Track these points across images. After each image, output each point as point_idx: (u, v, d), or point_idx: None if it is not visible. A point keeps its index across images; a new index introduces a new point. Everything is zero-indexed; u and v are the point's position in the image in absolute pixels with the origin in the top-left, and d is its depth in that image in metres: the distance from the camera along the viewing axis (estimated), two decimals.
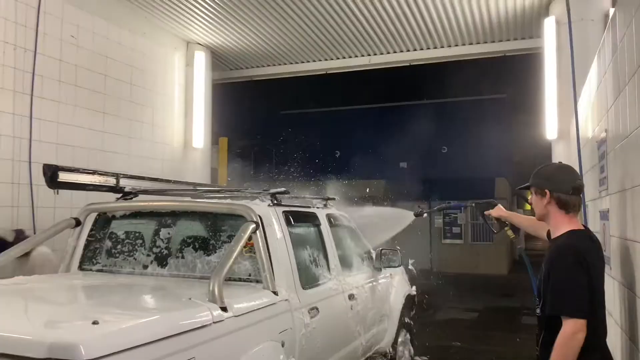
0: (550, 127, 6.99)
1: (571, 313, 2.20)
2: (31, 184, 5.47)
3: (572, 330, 2.17)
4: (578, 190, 2.45)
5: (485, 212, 3.42)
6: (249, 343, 2.76)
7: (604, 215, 3.16)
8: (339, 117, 20.11)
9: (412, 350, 5.74)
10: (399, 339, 5.28)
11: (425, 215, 4.61)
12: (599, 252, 2.46)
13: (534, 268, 2.86)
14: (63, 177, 3.45)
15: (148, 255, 3.64)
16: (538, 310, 2.50)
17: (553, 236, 2.48)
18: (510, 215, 3.33)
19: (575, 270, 2.24)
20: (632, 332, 2.41)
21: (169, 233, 3.68)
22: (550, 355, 2.27)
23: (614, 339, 2.89)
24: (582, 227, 2.50)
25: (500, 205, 3.36)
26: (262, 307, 2.97)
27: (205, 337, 2.42)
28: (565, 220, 2.43)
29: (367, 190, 18.83)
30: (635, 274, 2.31)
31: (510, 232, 3.35)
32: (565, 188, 2.42)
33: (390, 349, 5.07)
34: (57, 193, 3.61)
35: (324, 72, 10.25)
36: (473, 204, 3.75)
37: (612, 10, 2.91)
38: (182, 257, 3.55)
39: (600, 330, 2.31)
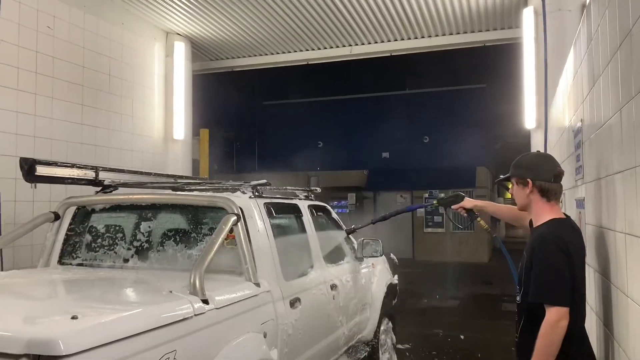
0: (528, 116, 7.08)
1: (555, 301, 2.21)
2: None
3: (556, 318, 2.19)
4: (558, 177, 2.47)
5: (453, 207, 3.39)
6: (231, 335, 2.76)
7: (580, 204, 3.22)
8: (321, 108, 20.09)
9: (394, 339, 5.81)
10: (382, 328, 5.34)
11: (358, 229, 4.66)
12: (581, 241, 2.47)
13: (513, 256, 2.89)
14: (41, 170, 3.41)
15: (129, 248, 3.62)
16: (518, 298, 2.51)
17: (535, 225, 2.49)
18: (485, 204, 3.33)
19: (558, 258, 2.26)
20: (606, 318, 2.47)
21: (149, 226, 3.66)
22: (528, 342, 2.31)
23: (589, 325, 2.90)
24: (564, 216, 2.52)
25: (467, 197, 3.36)
26: (244, 299, 2.98)
27: (187, 330, 2.43)
28: (547, 208, 2.45)
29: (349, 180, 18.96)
30: (609, 261, 2.36)
31: (482, 223, 3.30)
32: (547, 176, 2.44)
33: (373, 338, 5.13)
34: (35, 187, 3.57)
35: (305, 63, 10.22)
36: (435, 202, 3.66)
37: (588, 1, 2.95)
38: (163, 250, 3.54)
39: (579, 318, 2.34)
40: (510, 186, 2.66)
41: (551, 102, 5.82)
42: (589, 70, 2.81)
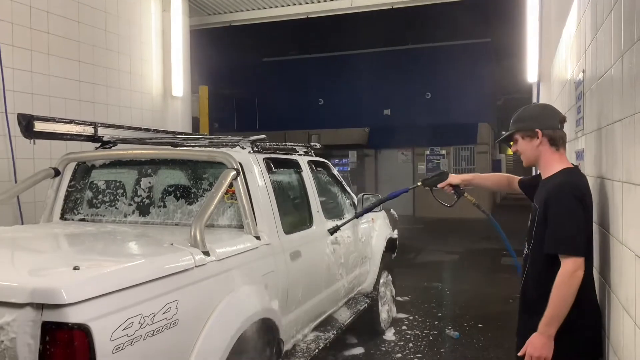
0: (531, 69, 6.98)
1: (572, 251, 2.18)
2: (10, 135, 5.37)
3: (572, 269, 2.16)
4: (563, 123, 2.45)
5: (439, 185, 3.33)
6: (232, 285, 2.81)
7: (580, 155, 3.22)
8: (321, 65, 19.79)
9: (393, 291, 5.92)
10: (381, 281, 5.43)
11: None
12: (590, 191, 2.42)
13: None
14: (39, 126, 3.41)
15: (130, 204, 3.65)
16: (526, 250, 2.50)
17: (545, 177, 2.45)
18: (472, 177, 3.29)
19: (575, 208, 2.22)
20: (602, 267, 2.50)
21: (149, 182, 3.68)
22: (533, 291, 2.34)
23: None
24: (572, 165, 2.48)
25: (451, 173, 3.32)
26: (244, 252, 3.02)
27: (188, 281, 2.47)
28: (556, 157, 2.41)
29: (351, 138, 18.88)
30: (607, 211, 2.37)
31: (470, 197, 3.32)
32: (554, 123, 2.42)
33: (373, 290, 5.23)
34: (34, 143, 3.57)
35: (305, 17, 10.01)
36: (419, 183, 3.62)
37: None
38: (164, 205, 3.57)
39: (590, 268, 2.33)
40: (512, 144, 2.60)
41: (554, 55, 5.73)
42: (592, 18, 2.75)
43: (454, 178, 3.27)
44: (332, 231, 4.21)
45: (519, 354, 2.31)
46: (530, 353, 2.23)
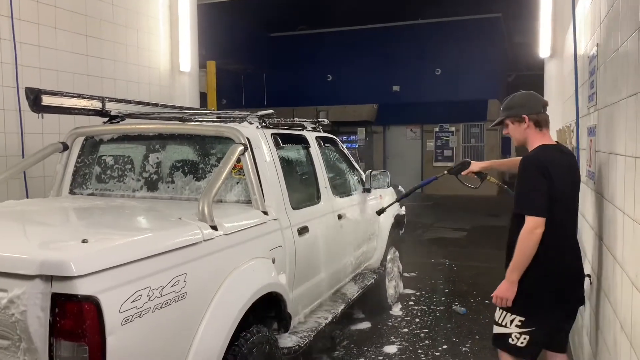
0: (543, 44, 6.85)
1: (532, 212, 2.65)
2: (20, 110, 5.38)
3: (532, 226, 2.64)
4: (545, 106, 2.89)
5: (463, 173, 3.73)
6: (240, 259, 2.83)
7: (592, 131, 3.17)
8: (330, 40, 19.57)
9: (400, 267, 5.94)
10: (388, 257, 5.45)
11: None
12: (569, 163, 2.85)
13: None
14: (47, 100, 3.41)
15: (138, 179, 3.66)
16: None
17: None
18: (490, 164, 3.76)
19: (536, 177, 2.68)
20: (611, 245, 2.49)
21: (157, 157, 3.68)
22: (515, 242, 2.72)
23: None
24: (554, 142, 2.91)
25: (473, 162, 3.72)
26: (252, 226, 3.03)
27: (196, 255, 2.48)
28: (539, 137, 2.84)
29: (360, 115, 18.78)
30: (620, 188, 2.34)
31: (492, 179, 3.72)
32: (538, 108, 2.86)
33: (380, 266, 5.25)
34: (42, 117, 3.57)
35: None
36: (446, 172, 3.95)
37: None
38: (172, 180, 3.57)
39: (560, 231, 2.70)
40: (504, 129, 3.01)
41: (566, 30, 5.62)
42: None
43: (475, 166, 3.71)
44: (380, 212, 4.73)
45: (492, 294, 2.83)
46: (496, 294, 2.79)
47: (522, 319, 2.75)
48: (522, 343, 2.76)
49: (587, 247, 3.36)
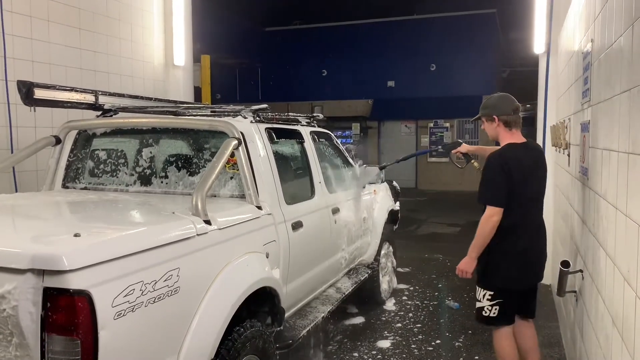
0: (538, 40, 6.85)
1: (489, 202, 3.12)
2: (8, 103, 5.33)
3: (489, 214, 3.10)
4: (516, 110, 3.26)
5: (453, 151, 4.08)
6: (234, 254, 2.82)
7: (585, 127, 3.18)
8: (325, 35, 19.52)
9: (394, 262, 5.96)
10: (382, 252, 5.46)
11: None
12: (535, 159, 3.25)
13: None
14: (39, 93, 3.37)
15: (131, 174, 3.64)
16: None
17: None
18: (477, 149, 4.07)
19: (495, 172, 3.12)
20: (602, 239, 2.50)
21: (151, 152, 3.66)
22: None
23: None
24: (522, 140, 3.26)
25: (464, 143, 4.08)
26: (246, 221, 3.02)
27: (190, 249, 2.47)
28: (508, 136, 3.25)
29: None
30: (613, 183, 2.35)
31: (476, 164, 3.96)
32: (507, 110, 3.25)
33: (374, 261, 5.25)
34: (34, 110, 3.54)
35: None
36: (440, 147, 4.33)
37: None
38: (166, 174, 3.55)
39: (520, 217, 3.14)
40: (482, 125, 3.46)
41: (561, 26, 5.62)
42: None
43: (463, 147, 4.07)
44: (382, 167, 5.26)
45: (456, 267, 3.32)
46: (458, 267, 3.30)
47: (492, 292, 3.24)
48: (494, 314, 3.25)
49: (579, 242, 3.38)
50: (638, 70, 1.83)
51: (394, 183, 6.12)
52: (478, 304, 3.34)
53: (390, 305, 5.53)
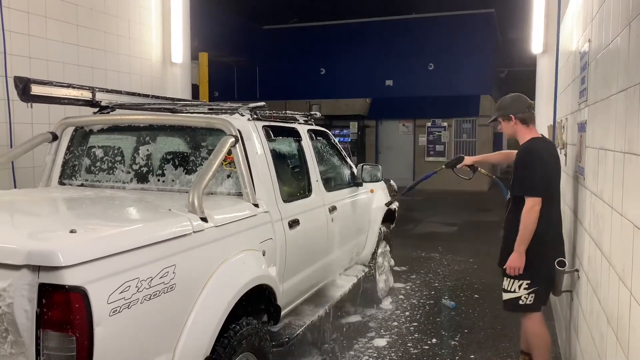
0: (536, 40, 6.87)
1: (530, 193, 3.23)
2: (8, 99, 5.32)
3: (531, 204, 3.20)
4: (530, 107, 3.46)
5: (458, 166, 4.16)
6: (230, 252, 2.82)
7: (582, 127, 3.18)
8: (323, 33, 19.51)
9: (391, 261, 5.96)
10: (379, 250, 5.47)
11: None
12: (553, 152, 3.44)
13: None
14: (36, 90, 3.36)
15: (128, 171, 3.63)
16: (508, 197, 3.58)
17: (520, 145, 3.44)
18: (482, 158, 4.23)
19: (533, 163, 3.27)
20: (598, 238, 2.51)
21: (148, 149, 3.66)
22: (511, 226, 3.36)
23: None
24: (540, 135, 3.49)
25: (466, 156, 4.16)
26: (243, 219, 3.02)
27: (186, 246, 2.47)
28: (526, 131, 3.45)
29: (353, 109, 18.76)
30: (609, 182, 2.36)
31: (483, 171, 4.17)
32: (522, 108, 3.44)
33: (371, 260, 5.26)
34: (31, 107, 3.53)
35: None
36: (443, 166, 4.39)
37: None
38: (162, 171, 3.55)
39: (553, 206, 3.29)
40: (499, 125, 3.61)
41: (560, 26, 5.63)
42: None
43: (468, 160, 4.16)
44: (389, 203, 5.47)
45: (505, 266, 3.38)
46: (509, 265, 3.35)
47: (529, 281, 3.34)
48: (530, 301, 3.36)
49: (576, 242, 3.39)
50: (634, 70, 1.83)
51: (391, 182, 6.13)
52: (511, 295, 3.41)
53: (386, 304, 5.53)
